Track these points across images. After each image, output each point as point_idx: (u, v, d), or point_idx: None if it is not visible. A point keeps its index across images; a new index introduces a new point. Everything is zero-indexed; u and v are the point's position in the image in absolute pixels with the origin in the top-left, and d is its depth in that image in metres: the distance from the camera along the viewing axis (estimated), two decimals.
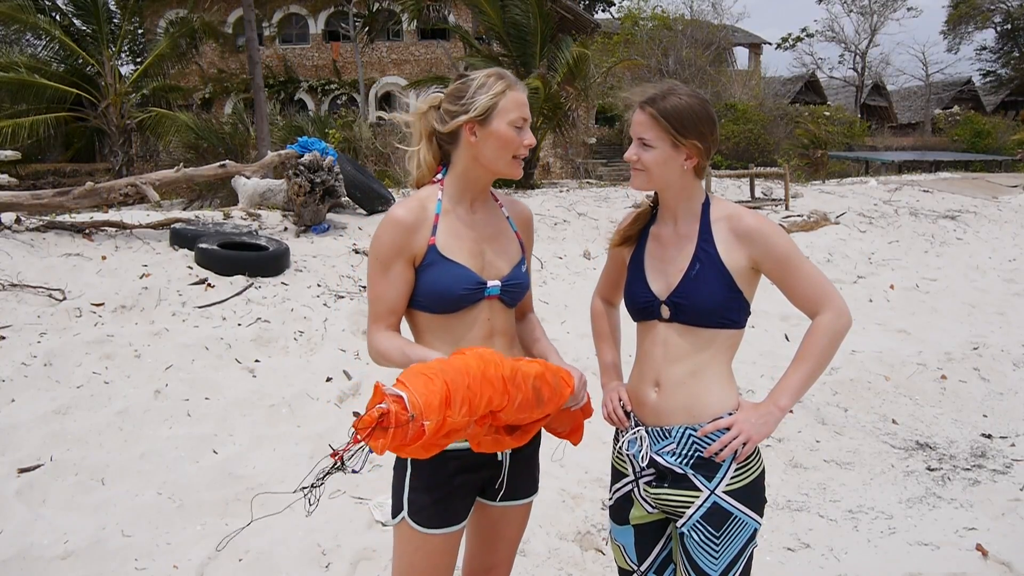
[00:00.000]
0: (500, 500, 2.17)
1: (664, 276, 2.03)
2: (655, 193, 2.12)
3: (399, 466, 2.10)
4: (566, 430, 2.17)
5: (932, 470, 4.58)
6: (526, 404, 1.82)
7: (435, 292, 2.01)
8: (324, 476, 1.64)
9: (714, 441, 1.95)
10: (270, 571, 3.28)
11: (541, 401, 1.87)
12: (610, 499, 2.20)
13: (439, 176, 2.13)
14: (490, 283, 2.06)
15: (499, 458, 2.09)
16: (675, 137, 1.93)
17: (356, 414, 1.58)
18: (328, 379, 5.19)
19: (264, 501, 3.81)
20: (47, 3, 18.86)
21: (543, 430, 2.18)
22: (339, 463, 1.61)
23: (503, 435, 1.91)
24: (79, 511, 3.60)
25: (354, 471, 1.70)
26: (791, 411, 5.29)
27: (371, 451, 1.59)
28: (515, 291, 2.12)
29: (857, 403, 5.63)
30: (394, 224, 2.01)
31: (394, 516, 2.09)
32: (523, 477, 2.20)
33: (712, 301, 1.95)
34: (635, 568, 2.16)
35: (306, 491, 1.65)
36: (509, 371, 1.78)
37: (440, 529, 2.04)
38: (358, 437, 1.57)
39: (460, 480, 2.05)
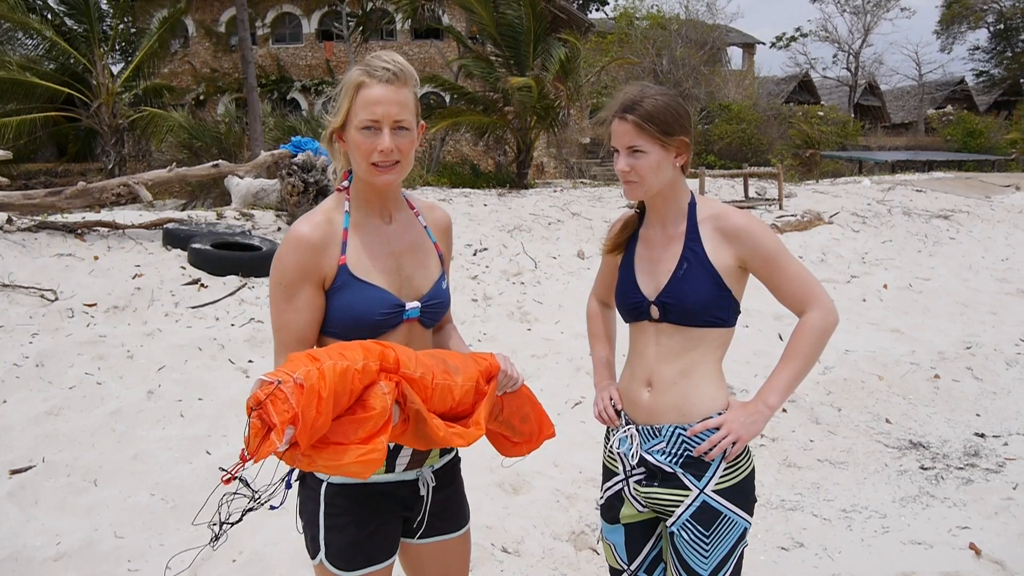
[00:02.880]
0: (426, 536, 1.99)
1: (653, 277, 2.03)
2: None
3: (308, 499, 1.88)
4: (522, 438, 2.04)
5: (925, 469, 4.59)
6: (428, 365, 1.71)
7: (349, 318, 1.80)
8: (233, 509, 1.53)
9: (703, 440, 1.95)
10: (264, 571, 3.27)
11: (453, 368, 1.77)
12: (601, 498, 2.20)
13: (345, 183, 1.91)
14: (409, 305, 1.86)
15: (421, 492, 1.93)
16: (663, 139, 1.93)
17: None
18: None
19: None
20: (39, 2, 18.78)
21: (493, 445, 2.06)
22: (245, 488, 1.52)
23: (445, 425, 1.75)
24: (72, 512, 3.59)
25: (273, 507, 1.61)
26: (784, 410, 5.30)
27: (278, 457, 1.45)
28: (435, 311, 1.94)
29: (851, 402, 5.64)
30: (299, 244, 1.78)
31: (312, 556, 1.88)
32: (451, 510, 2.04)
33: (700, 300, 1.95)
34: (625, 567, 2.16)
35: (218, 528, 1.55)
36: (384, 344, 1.70)
37: (363, 570, 1.85)
38: (245, 455, 1.44)
39: (378, 517, 1.87)
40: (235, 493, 1.53)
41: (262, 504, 1.58)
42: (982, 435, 5.13)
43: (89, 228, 7.71)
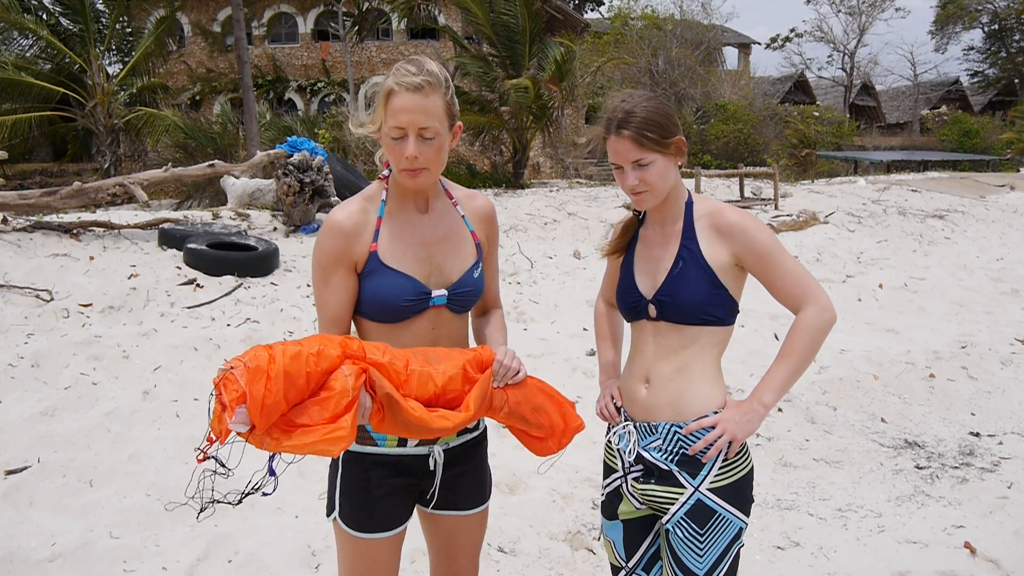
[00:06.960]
0: (437, 509, 2.09)
1: (651, 276, 2.06)
2: None
3: (332, 464, 2.04)
4: (542, 431, 2.05)
5: (921, 468, 4.60)
6: (401, 355, 1.79)
7: (376, 302, 1.92)
8: (222, 492, 1.67)
9: (699, 439, 1.96)
10: (260, 572, 3.27)
11: (434, 359, 1.84)
12: (601, 494, 2.22)
13: (386, 172, 2.01)
14: (435, 293, 1.95)
15: (431, 467, 2.00)
16: (663, 145, 1.95)
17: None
18: None
19: (255, 502, 3.79)
20: (34, 2, 18.73)
21: (524, 446, 2.10)
22: (216, 465, 1.64)
23: (430, 410, 1.82)
24: (67, 513, 3.58)
25: (265, 494, 1.71)
26: (780, 409, 5.31)
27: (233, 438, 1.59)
28: (464, 299, 2.01)
29: (846, 402, 5.65)
30: (332, 230, 1.91)
31: (328, 513, 2.03)
32: (466, 488, 2.11)
33: (694, 298, 1.96)
34: (624, 564, 2.17)
35: (204, 505, 1.69)
36: (348, 337, 1.80)
37: (368, 534, 1.97)
38: (211, 436, 1.57)
39: (386, 486, 1.97)
40: (214, 472, 1.64)
41: (256, 490, 1.70)
42: (977, 434, 5.14)
43: (84, 228, 7.69)
